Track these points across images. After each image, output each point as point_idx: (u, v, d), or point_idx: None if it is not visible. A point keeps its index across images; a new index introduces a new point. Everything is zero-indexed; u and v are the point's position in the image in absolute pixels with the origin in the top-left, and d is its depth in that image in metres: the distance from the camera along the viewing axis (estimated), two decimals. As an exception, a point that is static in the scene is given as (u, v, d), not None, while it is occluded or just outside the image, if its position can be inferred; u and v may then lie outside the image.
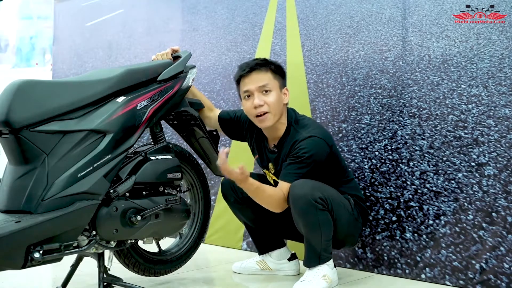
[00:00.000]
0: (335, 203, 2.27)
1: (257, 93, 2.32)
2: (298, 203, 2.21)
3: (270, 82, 2.33)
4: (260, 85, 2.32)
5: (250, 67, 2.35)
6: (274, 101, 2.31)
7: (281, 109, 2.36)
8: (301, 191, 2.21)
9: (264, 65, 2.35)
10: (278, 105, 2.33)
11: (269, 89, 2.32)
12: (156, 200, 2.17)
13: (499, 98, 2.36)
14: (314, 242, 2.25)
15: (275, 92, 2.33)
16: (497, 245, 2.29)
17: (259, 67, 2.34)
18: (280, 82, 2.37)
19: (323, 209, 2.22)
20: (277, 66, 2.40)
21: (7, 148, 1.87)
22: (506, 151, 2.32)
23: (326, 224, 2.23)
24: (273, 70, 2.36)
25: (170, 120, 2.46)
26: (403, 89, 2.63)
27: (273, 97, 2.32)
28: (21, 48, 6.68)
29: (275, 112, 2.32)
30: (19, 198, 1.84)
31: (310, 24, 3.03)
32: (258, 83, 2.32)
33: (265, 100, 2.31)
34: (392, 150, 2.62)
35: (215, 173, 2.57)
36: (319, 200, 2.20)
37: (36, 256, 1.76)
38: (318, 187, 2.24)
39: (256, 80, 2.33)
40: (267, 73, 2.34)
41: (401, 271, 2.53)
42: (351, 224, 2.34)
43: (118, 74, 2.09)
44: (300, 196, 2.20)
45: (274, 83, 2.34)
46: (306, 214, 2.21)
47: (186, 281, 2.48)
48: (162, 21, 3.84)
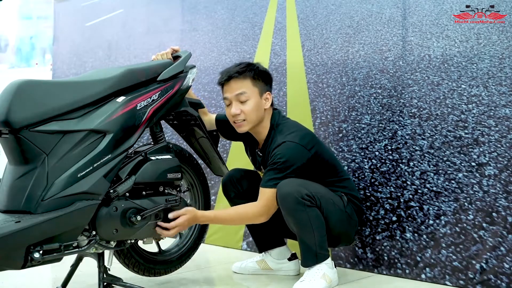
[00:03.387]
0: (324, 200, 2.27)
1: (234, 102, 2.35)
2: (286, 202, 2.23)
3: (248, 90, 2.34)
4: (237, 93, 2.34)
5: (229, 75, 2.36)
6: (251, 110, 2.34)
7: (260, 115, 2.38)
8: (287, 189, 2.23)
9: (244, 72, 2.35)
10: (256, 112, 2.36)
11: (246, 98, 2.34)
12: (156, 200, 2.17)
13: (500, 98, 2.35)
14: (308, 240, 2.25)
15: (253, 100, 2.35)
16: (497, 245, 2.28)
17: (238, 75, 2.34)
18: (261, 88, 2.37)
19: (311, 205, 2.22)
20: (260, 72, 2.39)
21: (7, 148, 1.86)
22: (506, 151, 2.31)
23: (317, 220, 2.24)
24: (253, 77, 2.35)
25: (170, 120, 2.46)
26: (403, 89, 2.63)
27: (250, 105, 2.34)
28: (21, 48, 6.68)
29: (251, 119, 2.36)
30: (19, 198, 1.83)
31: (310, 24, 3.03)
32: (235, 91, 2.35)
33: (241, 108, 2.34)
34: (392, 150, 2.62)
35: (215, 173, 2.57)
36: (306, 197, 2.21)
37: (36, 256, 1.76)
38: (304, 185, 2.25)
39: (233, 89, 2.35)
40: (245, 81, 2.34)
41: (401, 271, 2.53)
42: (343, 221, 2.33)
43: (118, 74, 2.09)
44: (287, 195, 2.22)
45: (253, 91, 2.35)
46: (295, 212, 2.23)
47: (186, 281, 2.48)
48: (162, 21, 3.84)
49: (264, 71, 2.42)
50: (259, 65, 2.42)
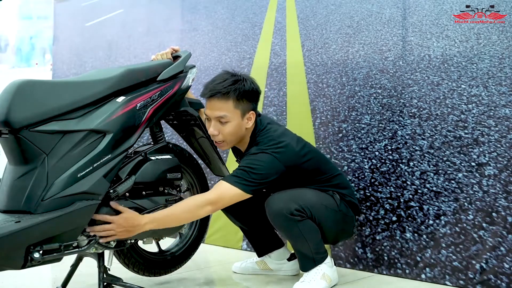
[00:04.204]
0: (315, 208, 2.24)
1: (214, 122, 2.24)
2: (277, 220, 2.23)
3: (228, 112, 2.21)
4: (217, 115, 2.22)
5: (212, 93, 2.22)
6: (230, 132, 2.24)
7: (241, 135, 2.29)
8: (275, 207, 2.21)
9: (228, 93, 2.20)
10: (235, 133, 2.26)
11: (227, 120, 2.22)
12: (156, 200, 2.17)
13: (499, 98, 2.35)
14: (303, 250, 2.25)
15: (234, 122, 2.23)
16: (497, 245, 2.28)
17: (220, 95, 2.20)
18: (243, 108, 2.24)
19: (302, 219, 2.20)
20: (245, 92, 2.23)
21: (7, 148, 1.86)
22: (506, 151, 2.31)
23: (310, 231, 2.23)
24: (236, 97, 2.21)
25: (170, 120, 2.46)
26: (403, 89, 2.63)
27: (230, 128, 2.23)
28: (21, 48, 6.68)
29: (230, 140, 2.27)
30: (19, 198, 1.83)
31: (310, 24, 3.03)
32: (216, 112, 2.22)
33: (220, 130, 2.23)
34: (392, 150, 2.62)
35: (215, 173, 2.57)
36: (295, 212, 2.19)
37: (36, 256, 1.76)
38: (292, 198, 2.21)
39: (214, 108, 2.22)
40: (227, 102, 2.21)
41: (401, 271, 2.53)
42: (339, 221, 2.32)
43: (118, 74, 2.09)
44: (276, 213, 2.21)
45: (235, 113, 2.22)
46: (287, 229, 2.22)
47: (186, 281, 2.48)
48: (162, 21, 3.84)
49: (250, 90, 2.25)
50: (246, 82, 2.25)
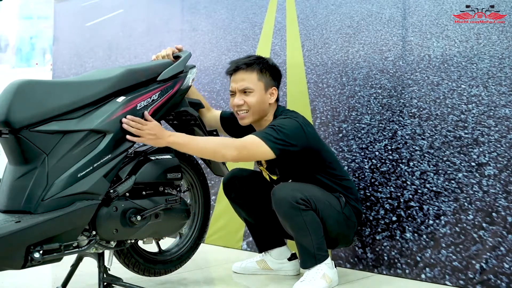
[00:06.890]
0: (320, 202, 2.26)
1: (238, 93, 2.36)
2: (281, 207, 2.24)
3: (252, 83, 2.34)
4: (241, 87, 2.35)
5: (236, 65, 2.37)
6: (254, 102, 2.34)
7: (264, 108, 2.38)
8: (281, 194, 2.23)
9: (252, 64, 2.36)
10: (259, 105, 2.35)
11: (251, 90, 2.34)
12: (156, 200, 2.17)
13: (499, 98, 2.36)
14: (305, 243, 2.25)
15: (257, 93, 2.35)
16: (497, 245, 2.29)
17: (245, 66, 2.35)
18: (267, 82, 2.37)
19: (307, 209, 2.22)
20: (268, 66, 2.39)
21: (7, 148, 1.87)
22: (506, 151, 2.31)
23: (313, 223, 2.23)
24: (260, 70, 2.36)
25: (170, 120, 2.46)
26: (403, 89, 2.63)
27: (253, 98, 2.34)
28: (21, 48, 6.68)
29: (254, 111, 2.35)
30: (19, 198, 1.84)
31: (310, 24, 3.03)
32: (240, 83, 2.35)
33: (245, 99, 2.35)
34: (392, 150, 2.62)
35: (215, 173, 2.57)
36: (300, 201, 2.21)
37: (36, 256, 1.76)
38: (298, 188, 2.25)
39: (239, 80, 2.36)
40: (252, 74, 2.35)
41: (401, 271, 2.53)
42: (341, 222, 2.32)
43: (118, 74, 2.09)
44: (281, 200, 2.22)
45: (258, 85, 2.35)
46: (291, 217, 2.23)
47: (186, 281, 2.48)
48: (162, 21, 3.84)
49: (273, 66, 2.41)
50: (269, 59, 2.42)
